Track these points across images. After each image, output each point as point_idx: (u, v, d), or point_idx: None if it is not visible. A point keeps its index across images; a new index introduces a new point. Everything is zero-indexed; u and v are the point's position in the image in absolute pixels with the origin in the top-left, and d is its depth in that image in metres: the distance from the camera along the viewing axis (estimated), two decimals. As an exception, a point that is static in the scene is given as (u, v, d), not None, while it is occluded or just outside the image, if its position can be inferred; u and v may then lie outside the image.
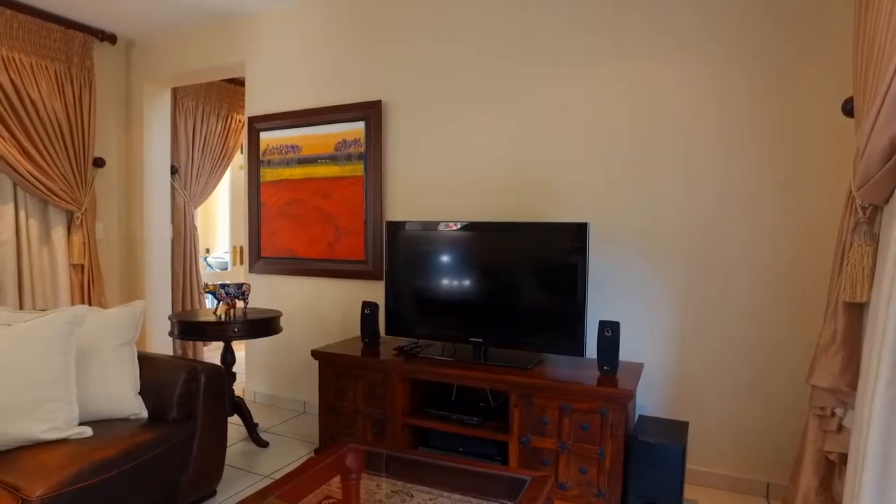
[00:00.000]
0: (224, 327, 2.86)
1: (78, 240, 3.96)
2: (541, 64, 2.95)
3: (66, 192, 3.86)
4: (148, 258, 4.42)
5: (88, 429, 2.13)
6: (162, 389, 2.37)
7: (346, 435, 2.89)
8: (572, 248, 2.60)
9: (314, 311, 3.66)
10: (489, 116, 3.09)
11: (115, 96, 4.38)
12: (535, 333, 2.68)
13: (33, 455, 1.93)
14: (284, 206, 3.70)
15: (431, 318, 2.90)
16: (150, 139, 4.40)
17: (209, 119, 4.90)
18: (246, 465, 2.90)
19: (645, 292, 2.78)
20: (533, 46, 2.97)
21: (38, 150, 3.70)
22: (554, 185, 2.95)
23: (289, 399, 3.79)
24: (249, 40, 3.83)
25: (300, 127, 3.60)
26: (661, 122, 2.71)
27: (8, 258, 3.63)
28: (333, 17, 3.52)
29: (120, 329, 2.39)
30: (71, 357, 2.14)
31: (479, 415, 2.67)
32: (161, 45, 4.23)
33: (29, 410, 2.00)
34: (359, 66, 3.44)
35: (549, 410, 2.46)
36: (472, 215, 3.14)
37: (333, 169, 3.49)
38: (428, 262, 2.90)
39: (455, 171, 3.19)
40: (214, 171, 5.02)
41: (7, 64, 3.54)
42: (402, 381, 2.74)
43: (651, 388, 2.78)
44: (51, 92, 3.77)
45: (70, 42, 3.90)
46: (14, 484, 1.79)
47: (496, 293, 2.76)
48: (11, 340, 2.03)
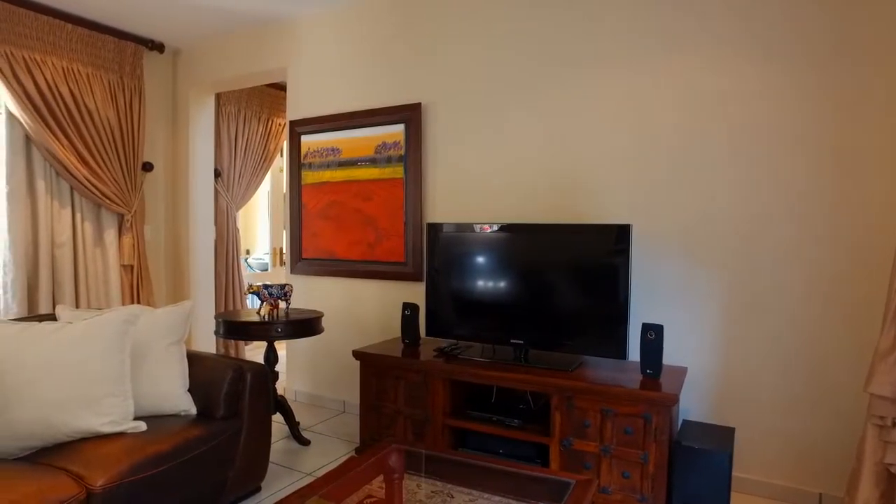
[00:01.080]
0: (268, 327, 2.93)
1: (128, 241, 4.11)
2: (582, 64, 2.93)
3: (117, 196, 4.01)
4: (192, 259, 4.55)
5: (143, 423, 2.20)
6: (209, 387, 2.44)
7: (386, 435, 2.91)
8: (614, 250, 2.57)
9: (354, 312, 3.71)
10: (530, 117, 3.08)
11: (162, 103, 4.53)
12: (576, 335, 2.66)
13: (94, 447, 2.02)
14: (325, 208, 3.76)
15: (472, 320, 2.91)
16: (194, 144, 4.53)
17: (250, 123, 5.02)
18: (288, 462, 2.96)
19: (688, 294, 2.73)
20: (574, 46, 2.95)
21: (93, 156, 3.85)
22: (595, 186, 2.92)
23: (329, 398, 3.85)
24: (291, 46, 3.91)
25: (340, 130, 3.66)
26: (707, 120, 2.66)
27: (66, 259, 3.79)
28: (373, 22, 3.57)
29: (170, 328, 2.47)
30: (126, 354, 2.23)
31: (520, 417, 2.67)
32: (206, 52, 4.36)
33: (90, 404, 2.08)
34: (398, 69, 3.48)
35: (590, 413, 2.43)
36: (512, 217, 3.13)
37: (373, 171, 3.54)
38: (468, 264, 2.91)
39: (495, 173, 3.19)
40: (255, 174, 5.14)
41: (67, 75, 3.71)
42: (443, 383, 2.75)
43: (695, 392, 2.73)
44: (105, 100, 3.93)
45: (122, 52, 4.05)
46: (79, 473, 1.87)
47: (537, 295, 2.75)
48: (74, 338, 2.12)
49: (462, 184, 3.29)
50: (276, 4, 3.65)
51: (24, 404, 2.03)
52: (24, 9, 3.52)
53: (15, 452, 2.04)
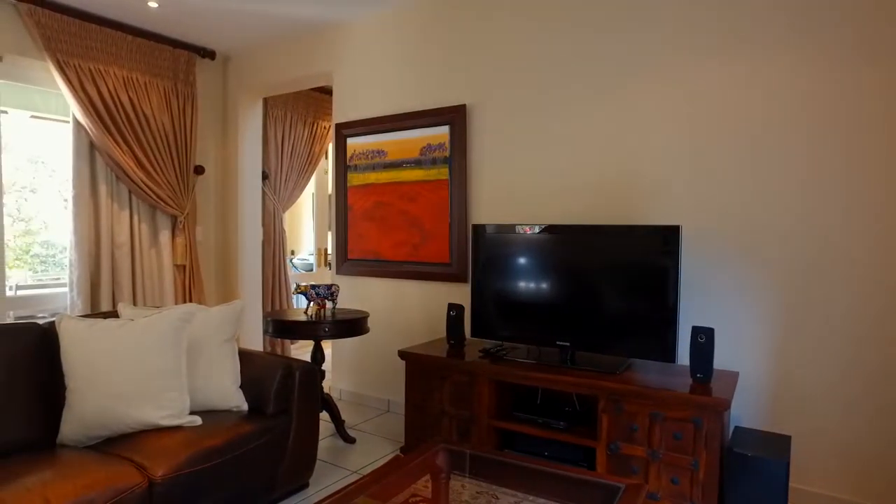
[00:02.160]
0: (315, 327, 2.99)
1: (181, 242, 4.26)
2: (631, 62, 2.89)
3: (171, 198, 4.16)
4: (240, 259, 4.68)
5: (198, 418, 2.28)
6: (260, 384, 2.51)
7: (431, 435, 2.93)
8: (663, 252, 2.52)
9: (399, 312, 3.74)
10: (576, 117, 3.05)
11: (213, 108, 4.68)
12: (623, 338, 2.63)
13: (154, 439, 2.10)
14: (370, 210, 3.81)
15: (517, 321, 2.90)
16: (243, 147, 4.66)
17: (296, 126, 5.14)
18: (335, 459, 3.01)
19: (741, 297, 2.65)
20: (622, 45, 2.91)
21: (149, 160, 4.01)
22: (643, 186, 2.87)
23: (373, 398, 3.90)
24: (337, 50, 3.99)
25: (386, 132, 3.70)
26: (760, 120, 2.59)
27: (124, 259, 3.95)
28: (417, 25, 3.60)
29: (223, 326, 2.55)
30: (183, 351, 2.31)
31: (566, 419, 2.65)
32: (254, 58, 4.48)
33: (151, 398, 2.17)
34: (443, 71, 3.50)
35: (639, 417, 2.39)
36: (558, 218, 3.11)
37: (418, 173, 3.57)
38: (514, 265, 2.90)
39: (540, 173, 3.17)
40: (301, 177, 5.25)
41: (127, 83, 3.88)
42: (489, 384, 2.75)
43: (747, 398, 2.65)
44: (160, 106, 4.08)
45: (177, 60, 4.21)
46: (141, 463, 1.96)
47: (583, 297, 2.72)
48: (135, 334, 2.22)
49: (507, 185, 3.29)
50: (322, 11, 3.73)
51: (91, 396, 2.13)
52: (93, 24, 3.71)
53: (84, 441, 2.15)
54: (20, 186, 3.97)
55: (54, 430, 2.18)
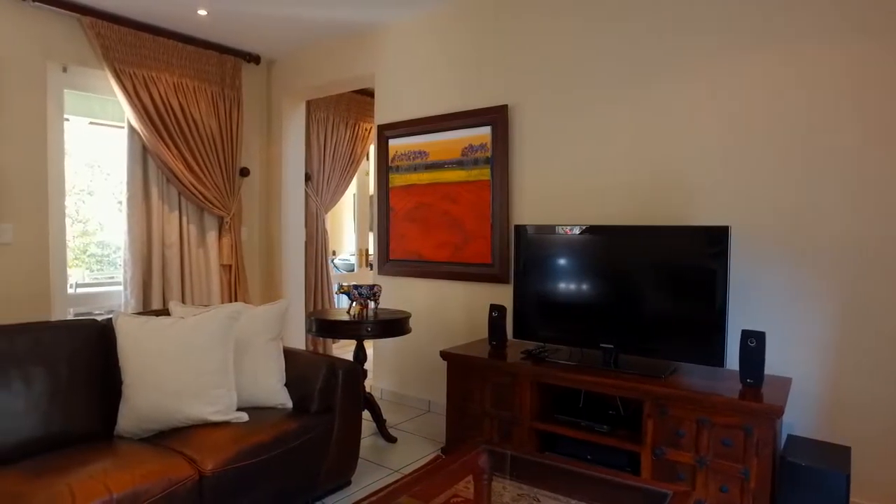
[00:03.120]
0: (358, 326, 3.02)
1: (227, 242, 4.37)
2: (676, 59, 2.82)
3: (218, 200, 4.28)
4: (284, 260, 4.78)
5: (245, 414, 2.34)
6: (304, 383, 2.55)
7: (471, 436, 2.93)
8: (711, 253, 2.46)
9: (440, 313, 3.76)
10: (620, 116, 3.00)
11: (257, 111, 4.79)
12: (669, 341, 2.57)
13: (204, 434, 2.17)
14: (412, 211, 3.84)
15: (560, 323, 2.87)
16: (287, 149, 4.76)
17: (338, 128, 5.21)
18: (376, 458, 3.04)
19: (793, 300, 2.56)
20: (666, 40, 2.85)
21: (198, 163, 4.13)
22: (691, 186, 2.80)
23: (414, 397, 3.92)
24: (378, 52, 4.03)
25: (427, 133, 3.72)
26: (812, 115, 2.49)
27: (174, 258, 4.09)
28: (458, 26, 3.61)
29: (269, 325, 2.61)
30: (230, 349, 2.38)
31: (609, 423, 2.61)
32: (298, 62, 4.57)
33: (200, 394, 2.24)
34: (484, 71, 3.50)
35: (685, 422, 2.33)
36: (601, 218, 3.07)
37: (460, 174, 3.57)
38: (556, 266, 2.87)
39: (583, 174, 3.13)
40: (343, 178, 5.33)
41: (177, 89, 4.01)
42: (531, 385, 2.73)
43: (800, 405, 2.55)
44: (208, 110, 4.21)
45: (223, 65, 4.33)
46: (192, 457, 2.02)
47: (628, 299, 2.67)
48: (186, 332, 2.29)
49: (549, 185, 3.26)
50: (364, 13, 3.77)
51: (145, 391, 2.21)
52: (146, 33, 3.86)
53: (139, 433, 2.23)
54: (79, 189, 4.15)
55: (112, 422, 2.27)
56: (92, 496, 1.71)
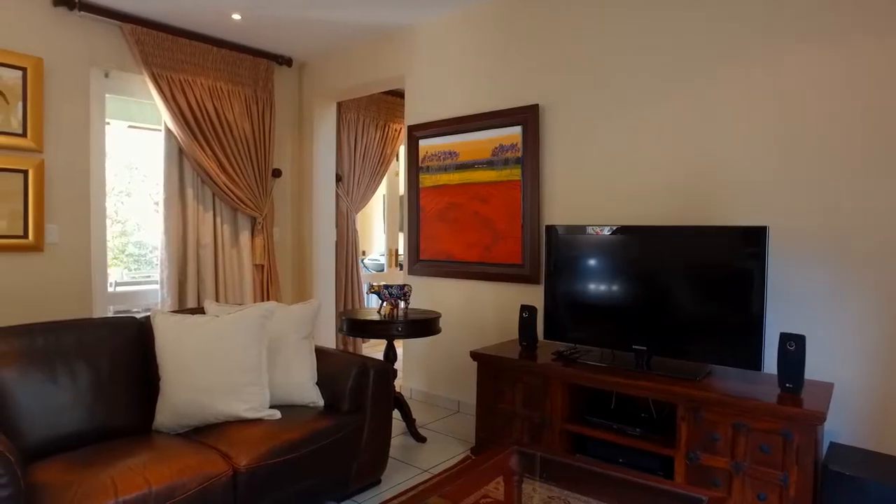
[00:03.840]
0: (388, 326, 3.04)
1: (259, 243, 4.45)
2: (711, 54, 2.77)
3: (251, 200, 4.35)
4: (315, 259, 4.84)
5: (278, 412, 2.37)
6: (336, 381, 2.57)
7: (501, 437, 2.92)
8: (748, 254, 2.40)
9: (470, 313, 3.75)
10: (654, 115, 2.96)
11: (289, 113, 4.86)
12: (703, 343, 2.52)
13: (238, 430, 2.21)
14: (442, 211, 3.85)
15: (591, 324, 2.84)
16: (318, 150, 4.82)
17: (368, 129, 5.25)
18: (406, 457, 3.05)
19: (836, 303, 2.48)
20: (702, 34, 2.79)
21: (231, 164, 4.21)
22: (726, 186, 2.74)
23: (443, 398, 3.93)
24: (408, 53, 4.05)
25: (457, 133, 3.73)
26: (857, 112, 2.41)
27: (208, 258, 4.18)
28: (489, 25, 3.60)
29: (301, 324, 2.64)
30: (264, 347, 2.41)
31: (641, 426, 2.56)
32: (329, 64, 4.62)
33: (235, 391, 2.28)
34: (514, 71, 3.48)
35: (720, 427, 2.28)
36: (633, 218, 3.02)
37: (490, 174, 3.57)
38: (588, 267, 2.84)
39: (616, 173, 3.09)
40: (373, 178, 5.37)
41: (212, 92, 4.10)
42: (562, 387, 2.71)
43: (843, 413, 2.47)
44: (241, 113, 4.29)
45: (256, 68, 4.40)
46: (226, 452, 2.06)
47: (661, 300, 2.63)
48: (220, 330, 2.34)
49: (581, 185, 3.23)
50: (394, 15, 3.80)
51: (182, 387, 2.27)
52: (183, 38, 3.96)
53: (175, 429, 2.29)
54: (118, 191, 4.28)
55: (150, 417, 2.33)
56: (132, 488, 1.75)
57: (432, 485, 1.98)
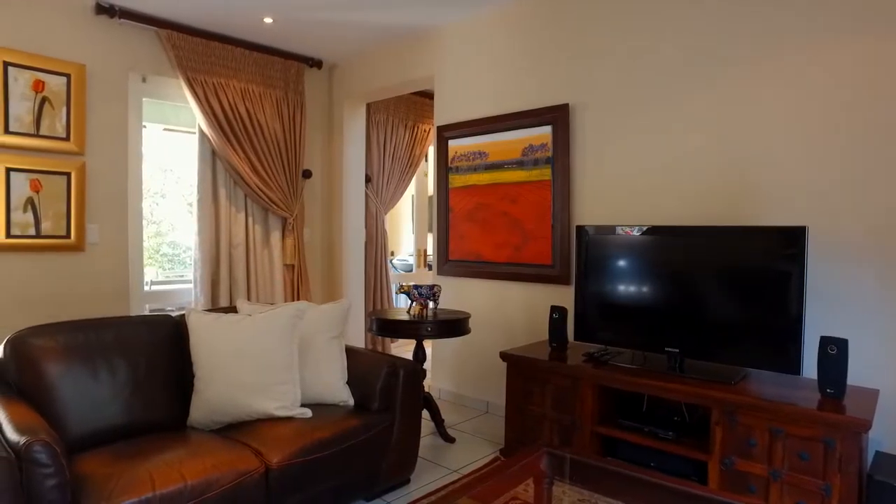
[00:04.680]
0: (418, 326, 3.05)
1: (290, 243, 4.50)
2: (747, 49, 2.70)
3: (281, 201, 4.41)
4: (344, 260, 4.88)
5: (309, 410, 2.40)
6: (365, 381, 2.59)
7: (531, 438, 2.90)
8: (786, 255, 2.34)
9: (499, 314, 3.74)
10: (687, 114, 2.90)
11: (319, 114, 4.91)
12: (738, 346, 2.46)
13: (269, 428, 2.24)
14: (472, 211, 3.84)
15: (622, 325, 2.80)
16: (348, 151, 4.86)
17: (398, 130, 5.28)
18: (435, 458, 3.06)
19: (880, 306, 2.39)
20: (736, 31, 2.73)
21: (263, 165, 4.28)
22: (761, 184, 2.67)
23: (472, 398, 3.92)
24: (437, 54, 4.05)
25: (487, 133, 3.71)
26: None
27: (240, 258, 4.25)
28: (518, 25, 3.58)
29: (332, 323, 2.67)
30: (295, 346, 2.44)
31: (674, 429, 2.52)
32: (358, 65, 4.66)
33: (267, 389, 2.31)
34: (544, 70, 3.46)
35: (757, 432, 2.23)
36: (666, 218, 2.97)
37: (520, 174, 3.55)
38: (620, 267, 2.81)
39: (648, 173, 3.04)
40: (402, 179, 5.39)
41: (244, 95, 4.17)
42: (592, 389, 2.68)
43: (889, 420, 2.38)
44: (273, 114, 4.35)
45: (287, 71, 4.46)
46: (259, 450, 2.09)
47: (695, 302, 2.58)
48: (253, 329, 2.37)
49: (612, 185, 3.18)
50: (423, 16, 3.81)
51: (215, 384, 2.31)
52: (216, 42, 4.03)
53: (209, 425, 2.33)
54: (153, 192, 4.39)
55: (184, 413, 2.38)
56: (169, 482, 1.79)
57: (462, 485, 1.98)
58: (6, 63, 3.22)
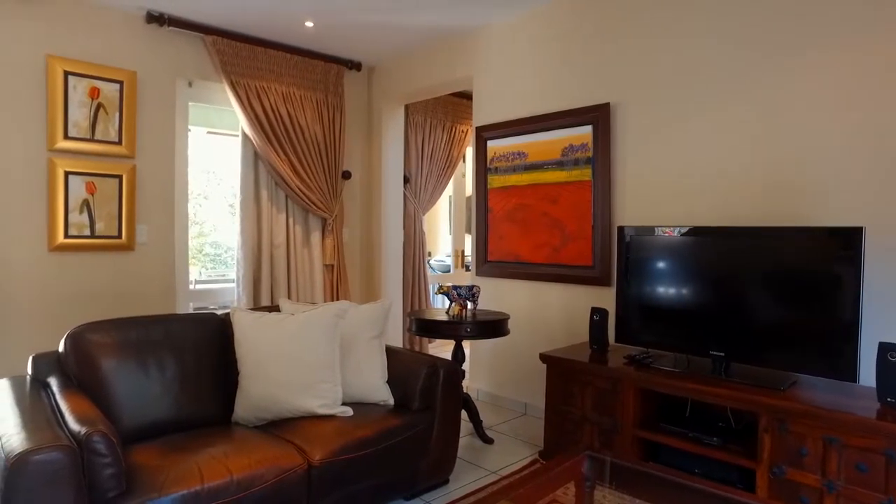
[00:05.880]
0: (457, 327, 3.05)
1: (330, 243, 4.57)
2: (797, 42, 2.61)
3: (321, 202, 4.48)
4: (383, 260, 4.92)
5: (350, 409, 2.43)
6: (405, 381, 2.60)
7: (571, 441, 2.86)
8: (841, 256, 2.24)
9: (538, 315, 3.70)
10: (730, 112, 2.82)
11: (358, 116, 4.97)
12: (788, 351, 2.38)
13: (311, 426, 2.27)
14: (511, 212, 3.82)
15: (666, 328, 2.74)
16: (386, 152, 4.90)
17: (435, 131, 5.30)
18: (473, 459, 3.05)
19: (942, 311, 2.28)
20: (786, 23, 2.64)
21: (304, 167, 4.35)
22: (814, 184, 2.58)
23: (510, 400, 3.90)
24: (476, 54, 4.05)
25: (526, 134, 3.69)
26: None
27: (281, 258, 4.33)
28: (558, 24, 3.55)
29: (372, 323, 2.69)
30: (337, 345, 2.47)
31: (719, 435, 2.45)
32: (397, 67, 4.69)
33: (309, 387, 2.35)
34: (584, 70, 3.41)
35: (809, 440, 2.14)
36: (710, 218, 2.89)
37: (560, 174, 3.51)
38: (663, 269, 2.75)
39: (692, 172, 2.97)
40: (440, 180, 5.40)
41: (286, 98, 4.25)
42: (634, 392, 2.63)
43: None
44: (313, 117, 4.42)
45: (328, 73, 4.53)
46: (301, 447, 2.13)
47: (742, 304, 2.51)
48: (295, 328, 2.41)
49: (655, 185, 3.12)
50: (463, 17, 3.81)
51: (259, 382, 2.35)
52: (258, 46, 4.12)
53: (253, 421, 2.38)
54: (196, 194, 4.51)
55: (228, 409, 2.43)
56: (216, 476, 1.84)
57: (502, 487, 1.97)
58: (66, 72, 3.39)
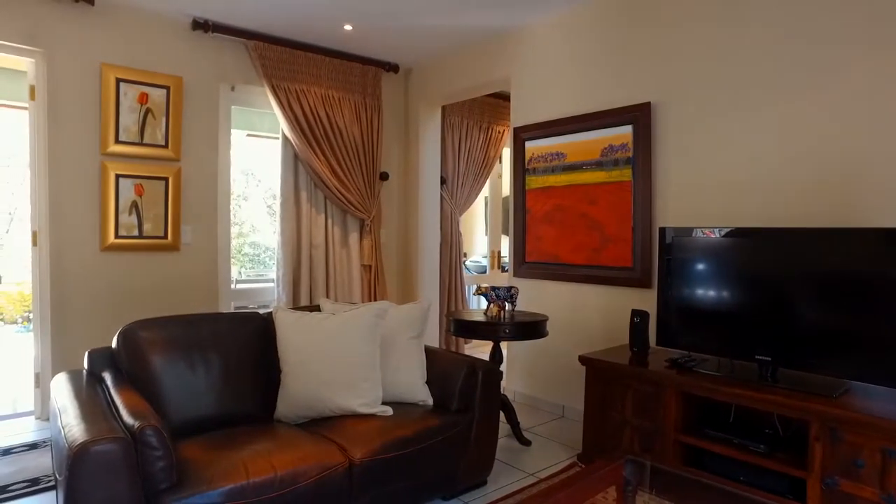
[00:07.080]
0: (495, 328, 3.04)
1: (367, 244, 4.62)
2: (849, 36, 2.51)
3: (359, 203, 4.53)
4: (420, 261, 4.94)
5: (390, 408, 2.44)
6: (444, 381, 2.61)
7: (610, 445, 2.82)
8: (899, 259, 2.16)
9: (576, 317, 3.67)
10: (776, 109, 2.74)
11: (396, 118, 5.01)
12: (840, 357, 2.29)
13: (352, 424, 2.30)
14: (549, 213, 3.79)
15: (709, 331, 2.68)
16: (423, 154, 4.92)
17: (472, 132, 5.30)
18: (511, 460, 3.04)
19: None
20: (847, 23, 2.54)
21: (342, 168, 4.41)
22: (867, 184, 2.48)
23: (547, 402, 3.87)
24: (514, 55, 4.03)
25: (565, 134, 3.65)
26: None
27: (320, 258, 4.40)
28: (597, 24, 3.50)
29: (412, 323, 2.71)
30: (377, 345, 2.50)
31: (765, 442, 2.38)
32: (434, 69, 4.71)
33: (350, 386, 2.38)
34: (625, 69, 3.36)
35: (865, 451, 2.06)
36: (756, 220, 2.81)
37: (599, 175, 3.47)
38: (706, 271, 2.69)
39: (736, 171, 2.90)
40: (477, 181, 5.40)
41: (324, 100, 4.32)
42: (676, 396, 2.58)
43: None
44: (351, 119, 4.47)
45: (365, 76, 4.58)
46: (343, 445, 2.16)
47: (790, 308, 2.43)
48: (336, 328, 2.45)
49: (697, 184, 3.05)
50: (501, 18, 3.80)
51: (301, 380, 2.40)
52: (298, 50, 4.20)
53: (294, 419, 2.42)
54: (236, 195, 4.62)
55: (271, 407, 2.48)
56: (260, 472, 1.88)
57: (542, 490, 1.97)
58: (118, 80, 3.54)
